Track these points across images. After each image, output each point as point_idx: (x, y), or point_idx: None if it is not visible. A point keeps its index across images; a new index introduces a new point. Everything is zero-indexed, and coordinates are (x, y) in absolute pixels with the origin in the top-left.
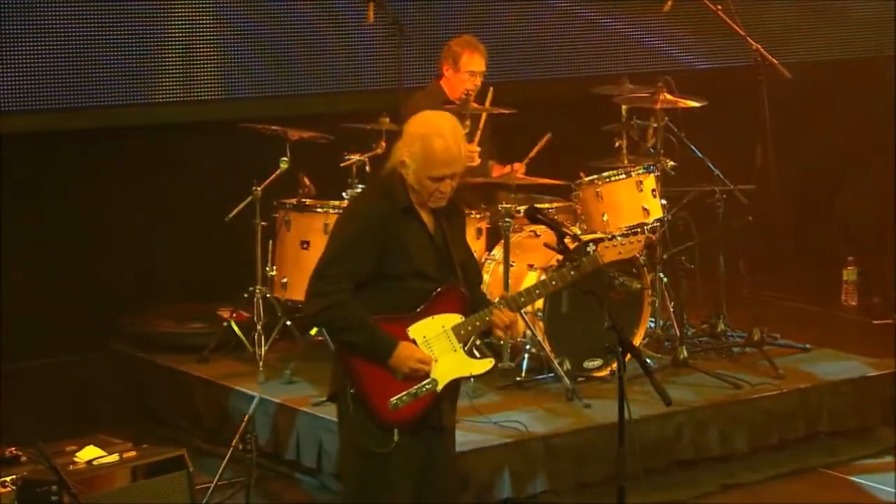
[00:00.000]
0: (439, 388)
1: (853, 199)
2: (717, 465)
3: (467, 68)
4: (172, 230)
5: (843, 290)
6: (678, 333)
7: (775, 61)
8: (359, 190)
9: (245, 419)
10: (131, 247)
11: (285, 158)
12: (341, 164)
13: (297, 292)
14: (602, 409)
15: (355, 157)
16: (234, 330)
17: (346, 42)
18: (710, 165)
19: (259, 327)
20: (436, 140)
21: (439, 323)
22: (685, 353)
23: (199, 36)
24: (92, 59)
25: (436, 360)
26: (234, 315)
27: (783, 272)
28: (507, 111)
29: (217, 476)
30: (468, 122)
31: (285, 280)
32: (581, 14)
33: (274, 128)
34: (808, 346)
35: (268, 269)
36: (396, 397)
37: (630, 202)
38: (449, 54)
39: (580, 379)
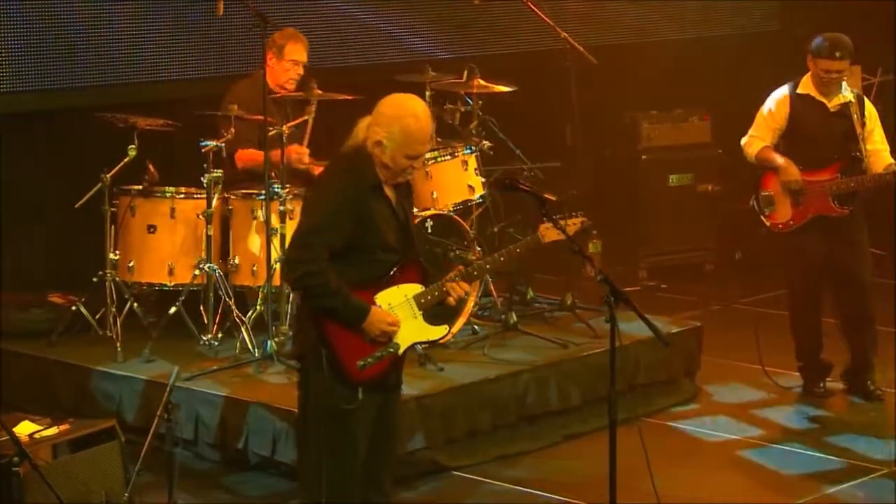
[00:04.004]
0: (401, 351)
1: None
2: (557, 418)
3: (291, 57)
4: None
5: (587, 266)
6: (496, 300)
7: (582, 49)
8: (215, 174)
9: (168, 389)
10: None
11: (133, 146)
12: (203, 150)
13: (145, 275)
14: (455, 372)
15: (213, 144)
16: (71, 313)
17: (193, 30)
18: (511, 146)
19: (114, 309)
20: (412, 121)
21: (402, 292)
22: (514, 317)
23: (49, 24)
24: None
25: (399, 327)
26: (83, 300)
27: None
28: (350, 97)
29: (146, 443)
30: (311, 108)
31: (132, 263)
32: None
33: (121, 116)
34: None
35: (111, 254)
36: (363, 359)
37: (457, 180)
38: (273, 45)
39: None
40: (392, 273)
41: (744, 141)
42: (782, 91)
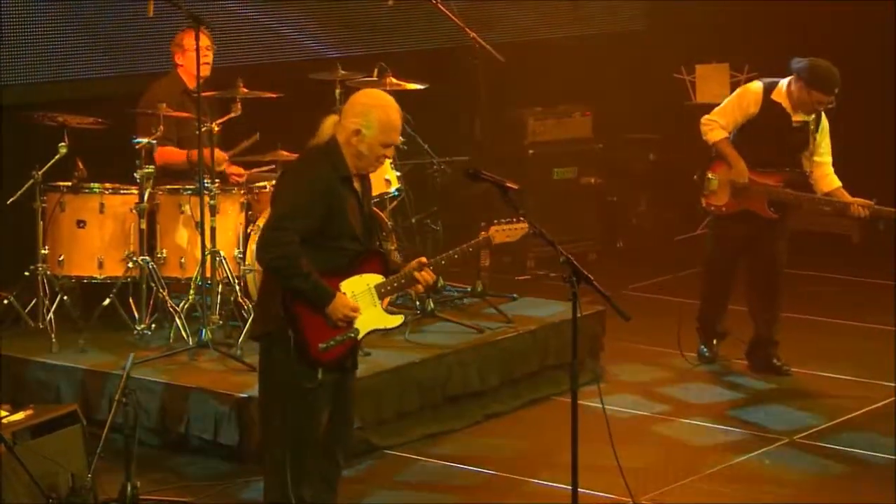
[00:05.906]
0: (360, 336)
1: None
2: (477, 399)
3: (192, 45)
4: None
5: (481, 254)
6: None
7: (489, 47)
8: (148, 170)
9: (124, 375)
10: None
11: (63, 144)
12: (136, 147)
13: (74, 268)
14: (382, 356)
15: (145, 141)
16: (1, 307)
17: (123, 28)
18: (419, 140)
19: (47, 302)
20: (386, 111)
21: (365, 281)
22: (432, 304)
23: None
24: None
25: (360, 313)
26: (14, 294)
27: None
28: (272, 95)
29: (106, 428)
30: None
31: (62, 258)
32: None
33: (52, 115)
34: (515, 295)
35: (42, 249)
36: (325, 342)
37: (376, 174)
38: (174, 43)
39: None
40: (356, 262)
41: (705, 119)
42: (757, 89)
